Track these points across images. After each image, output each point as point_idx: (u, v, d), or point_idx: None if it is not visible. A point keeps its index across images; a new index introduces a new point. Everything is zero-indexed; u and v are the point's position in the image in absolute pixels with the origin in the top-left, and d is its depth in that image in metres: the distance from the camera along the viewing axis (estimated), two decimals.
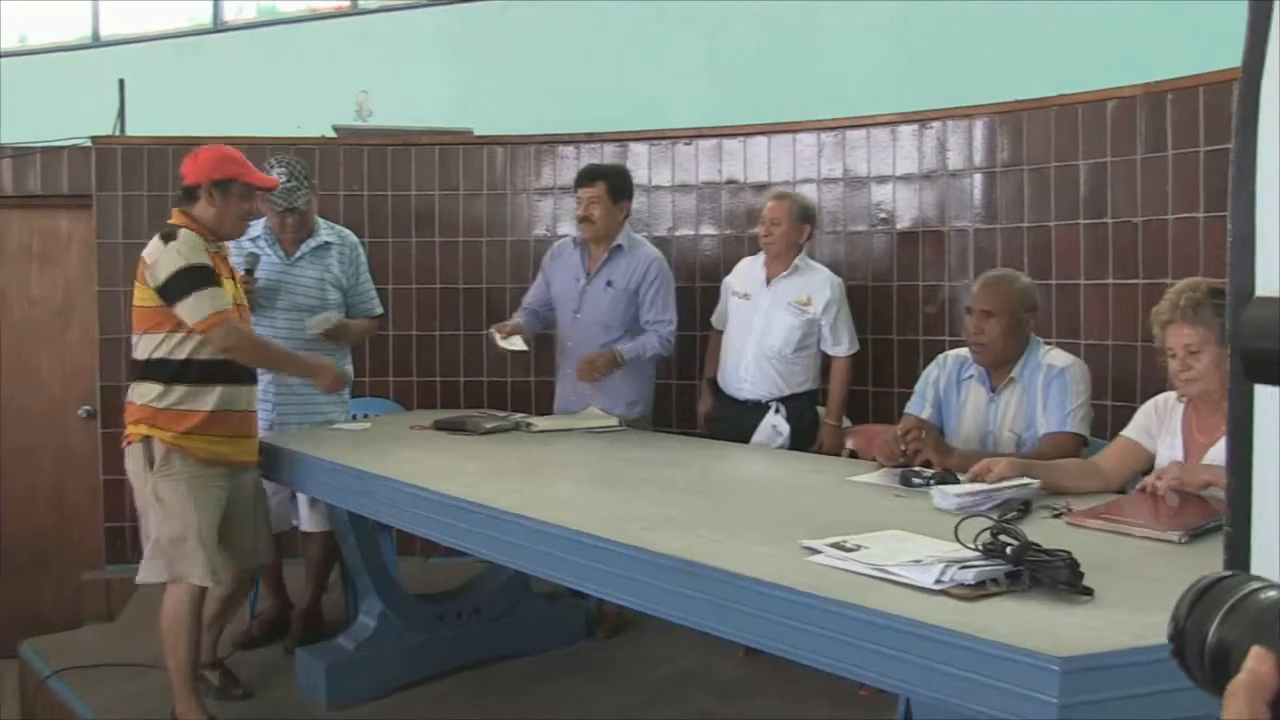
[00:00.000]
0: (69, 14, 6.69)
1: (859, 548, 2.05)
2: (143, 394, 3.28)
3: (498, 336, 3.97)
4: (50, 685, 3.70)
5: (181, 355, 3.24)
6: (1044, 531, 2.14)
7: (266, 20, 6.55)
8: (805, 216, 4.00)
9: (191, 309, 3.19)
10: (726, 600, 1.95)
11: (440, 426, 3.83)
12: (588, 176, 4.08)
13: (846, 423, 4.16)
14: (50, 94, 6.05)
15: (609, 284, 4.06)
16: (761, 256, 4.07)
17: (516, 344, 3.94)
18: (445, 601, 3.75)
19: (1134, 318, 3.84)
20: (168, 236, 3.24)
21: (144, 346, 3.29)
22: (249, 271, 3.76)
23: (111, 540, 4.90)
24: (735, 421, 3.99)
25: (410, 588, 3.88)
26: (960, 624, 1.68)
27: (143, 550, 3.35)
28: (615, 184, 4.07)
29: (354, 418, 4.06)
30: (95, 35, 6.73)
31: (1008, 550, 1.89)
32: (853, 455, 3.93)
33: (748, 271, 4.13)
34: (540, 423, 3.87)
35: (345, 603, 4.00)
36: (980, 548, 1.93)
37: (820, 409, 4.11)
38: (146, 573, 3.30)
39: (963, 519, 2.05)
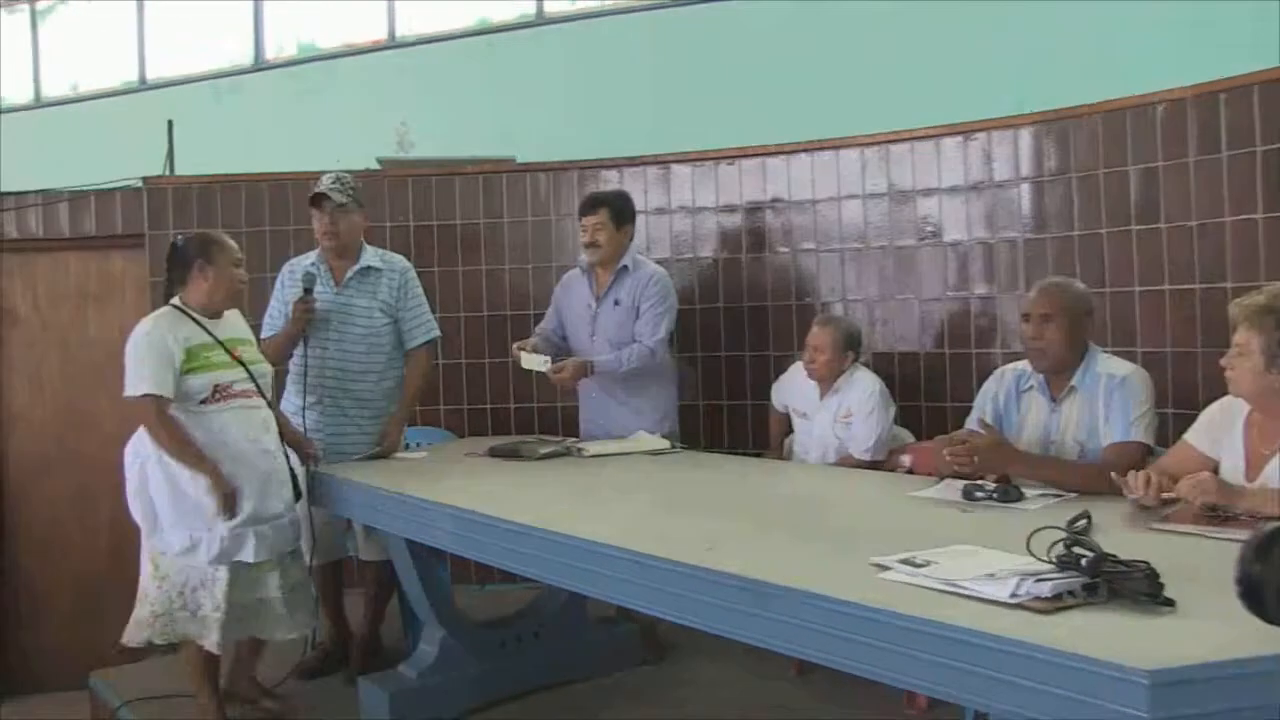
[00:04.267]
0: (116, 60, 6.84)
1: (929, 563, 2.03)
2: None
3: (521, 354, 4.04)
4: (120, 716, 3.74)
5: None
6: (1116, 540, 2.09)
7: (305, 57, 6.67)
8: (850, 344, 4.02)
9: None
10: (796, 619, 1.92)
11: (495, 453, 3.85)
12: (590, 205, 4.16)
13: (908, 437, 4.13)
14: (101, 138, 6.19)
15: (616, 303, 4.13)
16: None
17: (537, 363, 3.99)
18: (505, 627, 3.74)
19: (1192, 324, 3.78)
20: None
21: None
22: (308, 290, 3.81)
23: None
24: None
25: (467, 615, 3.88)
26: (1038, 637, 1.65)
27: None
28: (617, 208, 4.14)
29: (409, 446, 4.07)
30: (142, 79, 6.88)
31: (1082, 562, 1.86)
32: (910, 473, 3.91)
33: (803, 392, 4.12)
34: (592, 447, 3.86)
35: (403, 631, 4.01)
36: (1054, 560, 1.90)
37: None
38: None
39: (1035, 531, 2.01)
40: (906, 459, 3.99)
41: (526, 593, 4.07)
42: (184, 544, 3.32)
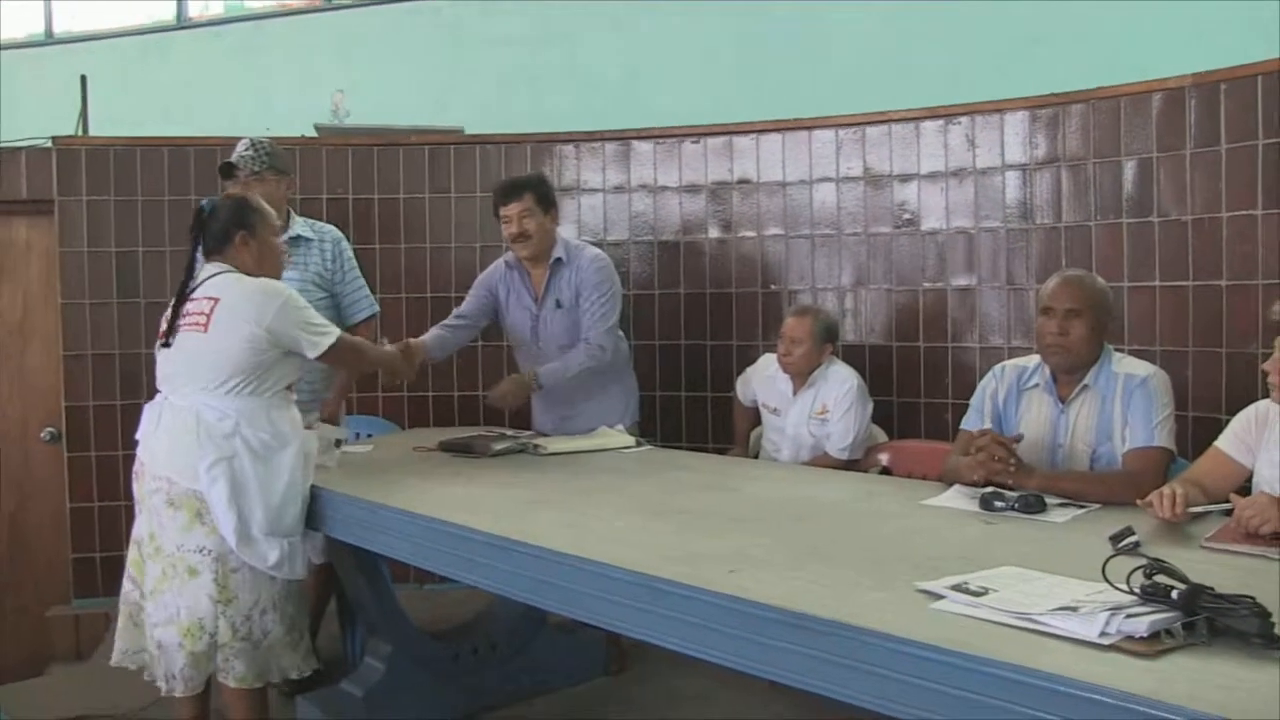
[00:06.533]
0: (22, 10, 6.31)
1: (985, 590, 1.79)
2: None
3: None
4: None
5: None
6: (1168, 560, 1.88)
7: (234, 16, 6.21)
8: (829, 336, 3.80)
9: None
10: (847, 658, 1.67)
11: (446, 448, 3.55)
12: (511, 190, 3.74)
13: (881, 435, 3.92)
14: (3, 94, 5.66)
15: (558, 304, 3.78)
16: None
17: (330, 437, 3.34)
18: (458, 638, 3.45)
19: (1184, 321, 3.64)
20: None
21: None
22: None
23: (80, 573, 4.54)
24: None
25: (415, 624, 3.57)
26: (1143, 687, 1.42)
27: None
28: (541, 192, 3.76)
29: (356, 438, 3.74)
30: (49, 32, 6.36)
31: (1174, 594, 1.64)
32: (885, 471, 3.71)
33: (774, 386, 3.89)
34: (551, 444, 3.57)
35: (342, 638, 3.69)
36: (1137, 590, 1.68)
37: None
38: None
39: (1112, 556, 1.79)
40: (884, 458, 3.80)
41: (468, 593, 3.75)
42: (279, 555, 2.86)
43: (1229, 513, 2.27)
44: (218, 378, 2.83)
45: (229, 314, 2.83)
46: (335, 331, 2.98)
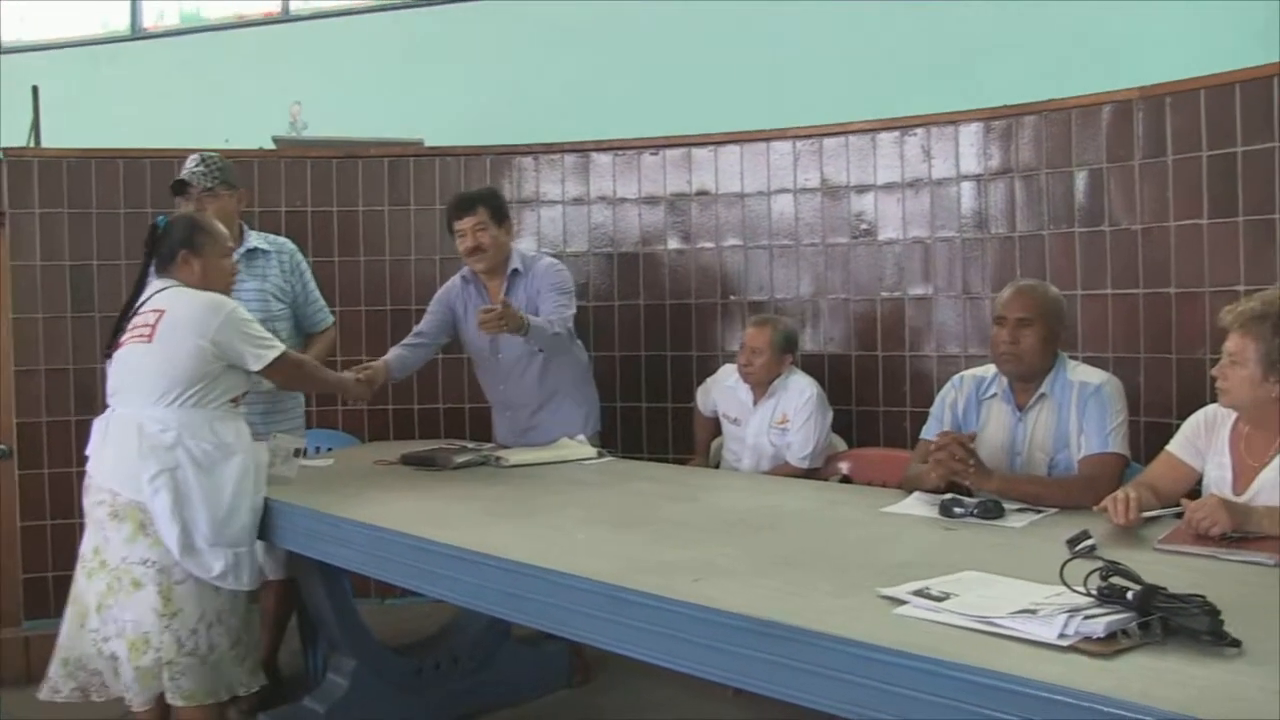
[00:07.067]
0: None
1: (947, 595, 1.82)
2: None
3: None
4: None
5: None
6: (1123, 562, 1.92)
7: (190, 28, 6.15)
8: (789, 346, 3.83)
9: None
10: (811, 664, 1.69)
11: (408, 461, 3.54)
12: (465, 204, 3.74)
13: (841, 444, 3.96)
14: None
15: None
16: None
17: (283, 450, 3.25)
18: (421, 653, 3.43)
19: (1135, 328, 3.71)
20: None
21: None
22: None
23: (32, 593, 4.45)
24: None
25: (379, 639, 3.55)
26: (1101, 686, 1.45)
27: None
28: (494, 205, 3.77)
29: (316, 450, 3.71)
30: None
31: (1129, 595, 1.67)
32: (845, 480, 3.75)
33: (734, 396, 3.91)
34: (513, 456, 3.57)
35: (304, 654, 3.65)
36: (1095, 592, 1.71)
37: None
38: None
39: (1069, 559, 1.83)
40: (844, 467, 3.83)
41: (431, 607, 3.76)
42: (224, 566, 2.84)
43: (1181, 515, 2.32)
44: (161, 389, 2.86)
45: (174, 326, 2.86)
46: (279, 346, 3.01)
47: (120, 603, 2.81)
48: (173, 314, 2.88)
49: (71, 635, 2.96)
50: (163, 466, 2.80)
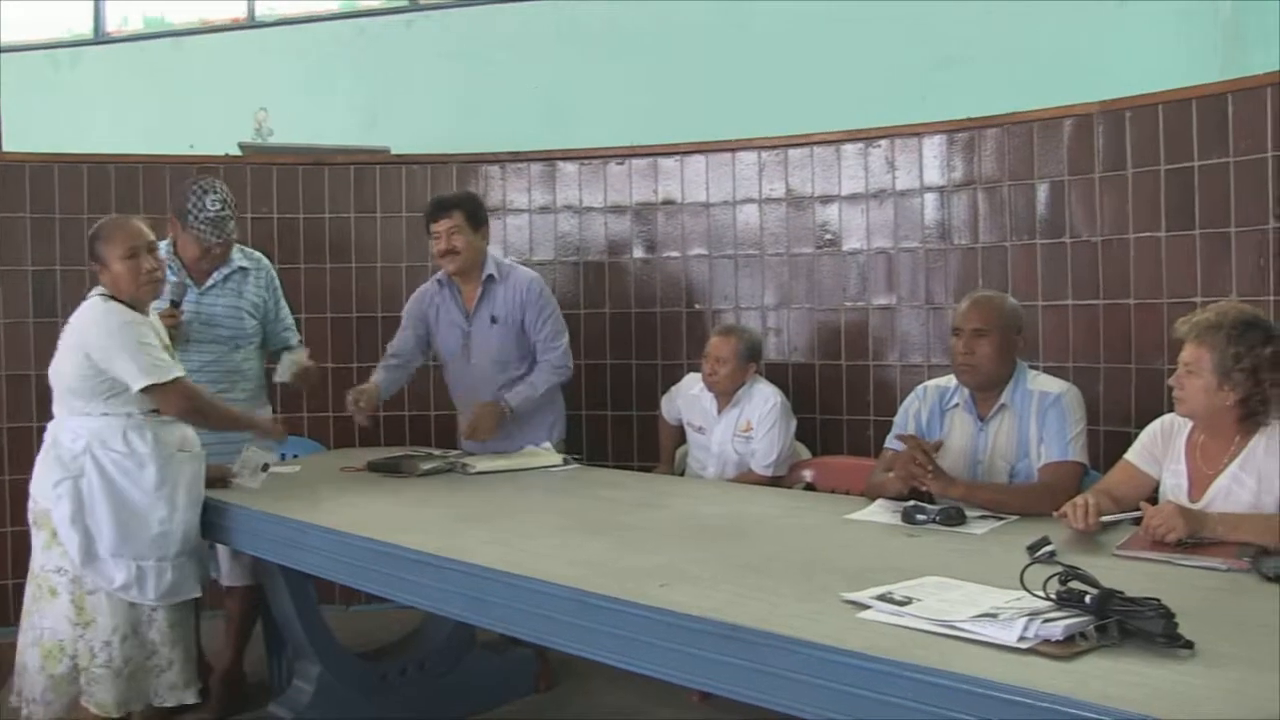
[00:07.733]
0: None
1: (909, 600, 1.85)
2: None
3: (356, 411, 3.70)
4: None
5: None
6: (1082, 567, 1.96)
7: (154, 32, 6.10)
8: (753, 355, 3.87)
9: None
10: (777, 667, 1.71)
11: (374, 468, 3.54)
12: (441, 207, 3.78)
13: (805, 452, 3.99)
14: None
15: (493, 320, 3.81)
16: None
17: (253, 464, 3.24)
18: (387, 659, 3.42)
19: (1095, 339, 3.77)
20: None
21: None
22: (175, 304, 3.39)
23: None
24: None
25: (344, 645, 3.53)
26: (1060, 687, 1.48)
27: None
28: (471, 210, 3.80)
29: (283, 458, 3.70)
30: None
31: (1087, 599, 1.71)
32: (809, 487, 3.78)
33: (699, 405, 3.93)
34: (479, 463, 3.58)
35: (269, 661, 3.63)
36: (1054, 597, 1.75)
37: None
38: None
39: (1029, 564, 1.86)
40: (808, 474, 3.86)
41: (395, 613, 3.75)
42: (127, 577, 2.83)
43: (1139, 521, 2.37)
44: (68, 400, 2.89)
45: (67, 337, 2.91)
46: (174, 373, 2.91)
47: (40, 610, 2.84)
48: (71, 325, 2.93)
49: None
50: (66, 474, 2.83)
